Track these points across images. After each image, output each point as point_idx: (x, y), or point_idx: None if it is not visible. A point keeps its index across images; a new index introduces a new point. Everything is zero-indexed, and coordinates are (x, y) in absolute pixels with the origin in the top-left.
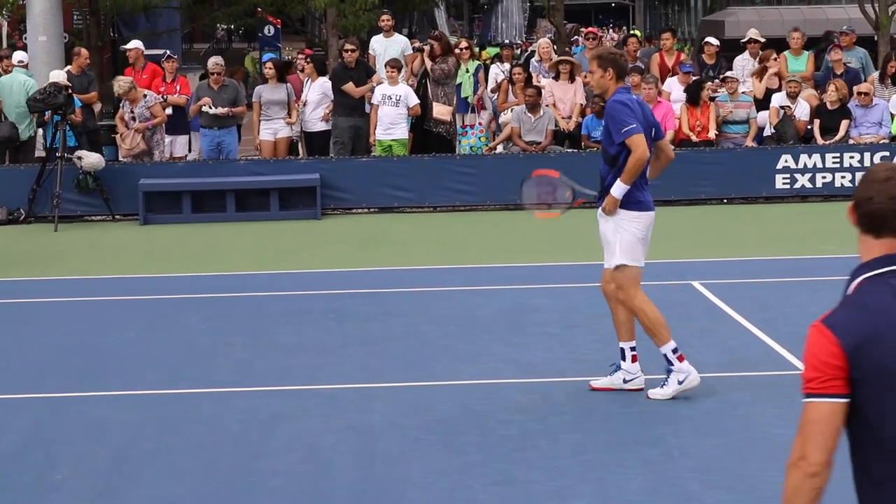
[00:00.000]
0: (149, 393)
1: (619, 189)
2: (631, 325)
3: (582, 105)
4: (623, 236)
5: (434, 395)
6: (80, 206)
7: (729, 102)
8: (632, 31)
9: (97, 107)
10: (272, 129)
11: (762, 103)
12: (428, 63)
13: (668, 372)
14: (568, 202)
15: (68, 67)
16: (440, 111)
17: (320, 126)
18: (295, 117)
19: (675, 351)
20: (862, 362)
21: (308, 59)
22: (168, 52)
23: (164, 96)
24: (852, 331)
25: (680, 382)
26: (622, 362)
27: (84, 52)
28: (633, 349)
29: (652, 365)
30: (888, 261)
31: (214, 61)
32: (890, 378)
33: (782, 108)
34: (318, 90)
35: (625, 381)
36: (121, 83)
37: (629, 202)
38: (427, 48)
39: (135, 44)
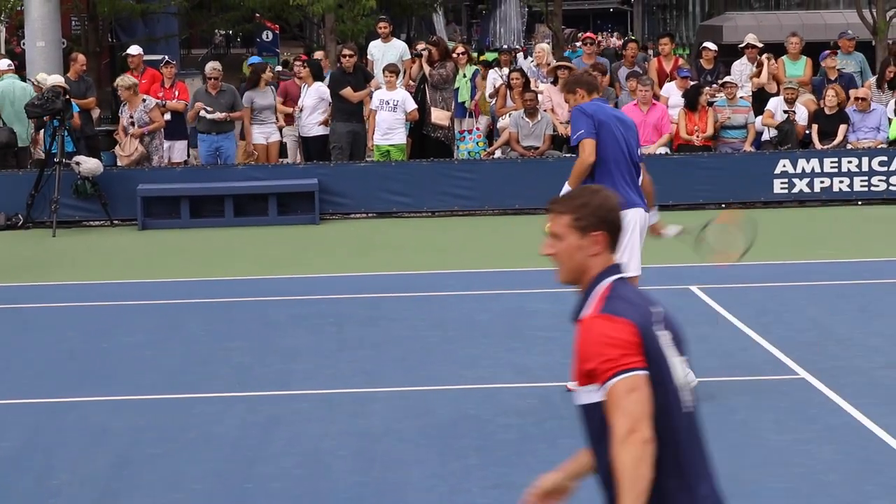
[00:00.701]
0: (148, 398)
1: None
2: None
3: None
4: None
5: (433, 400)
6: (79, 212)
7: (727, 107)
8: (628, 37)
9: (95, 112)
10: (265, 133)
11: (757, 101)
12: (426, 68)
13: None
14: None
15: (67, 74)
16: (438, 116)
17: (316, 131)
18: (282, 121)
19: None
20: (646, 342)
21: (305, 64)
22: (166, 57)
23: (163, 101)
24: (633, 315)
25: None
26: None
27: (81, 57)
28: None
29: None
30: (620, 268)
31: (212, 66)
32: (659, 356)
33: (785, 112)
34: (314, 95)
35: None
36: (124, 79)
37: None
38: (425, 53)
39: (135, 49)
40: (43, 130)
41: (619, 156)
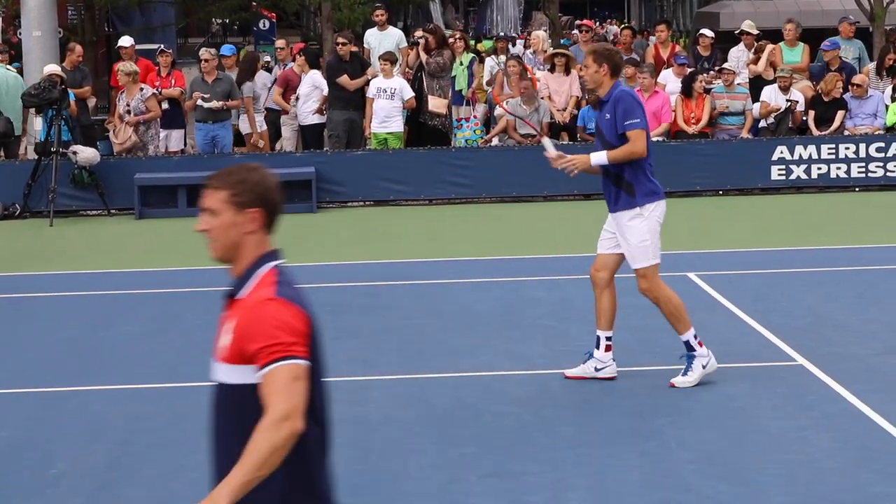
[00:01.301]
0: (146, 387)
1: (600, 158)
2: (612, 316)
3: (577, 97)
4: (643, 235)
5: (430, 388)
6: (76, 201)
7: (725, 94)
8: (624, 24)
9: (91, 102)
10: (259, 122)
11: (754, 88)
12: (423, 56)
13: (690, 359)
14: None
15: (63, 63)
16: (436, 104)
17: (312, 119)
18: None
19: (695, 336)
20: (313, 336)
21: (301, 53)
22: (162, 46)
23: (159, 90)
24: (304, 305)
25: (704, 367)
26: (595, 350)
27: (78, 48)
28: (608, 339)
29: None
30: (278, 254)
31: (206, 51)
32: (317, 356)
33: (788, 101)
34: (308, 83)
35: (596, 370)
36: (126, 65)
37: (652, 192)
38: (422, 41)
39: (127, 41)
40: (40, 120)
41: (651, 146)
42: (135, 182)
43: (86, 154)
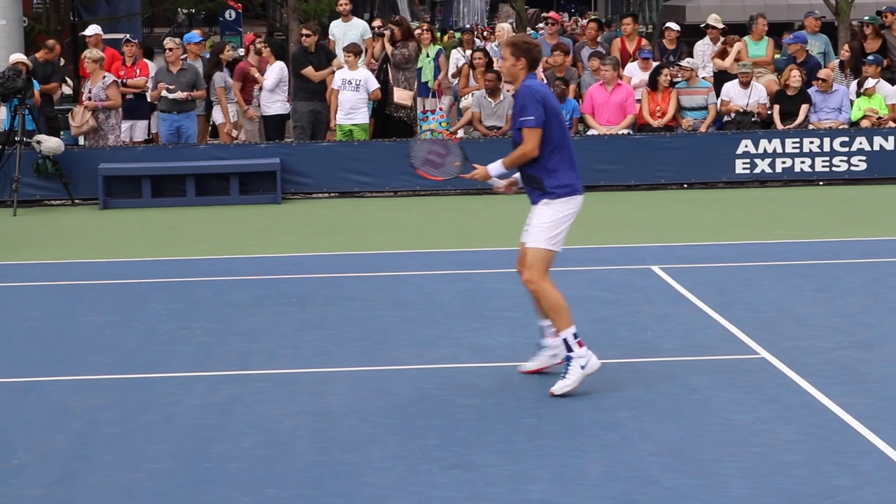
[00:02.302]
0: (108, 377)
1: (496, 168)
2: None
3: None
4: (545, 218)
5: (392, 380)
6: (40, 191)
7: (687, 89)
8: (592, 17)
9: (57, 94)
10: (234, 112)
11: (719, 82)
12: (388, 48)
13: (567, 360)
14: (454, 173)
15: (36, 54)
16: (401, 96)
17: (274, 109)
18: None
19: (575, 336)
20: None
21: (265, 43)
22: (128, 35)
23: (124, 80)
24: None
25: (582, 367)
26: (543, 340)
27: (58, 48)
28: (552, 326)
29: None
30: None
31: (171, 40)
32: None
33: (746, 110)
34: (272, 74)
35: (551, 357)
36: (92, 52)
37: (563, 185)
38: (387, 33)
39: (93, 30)
40: (4, 109)
41: (567, 140)
42: (99, 172)
43: (50, 143)
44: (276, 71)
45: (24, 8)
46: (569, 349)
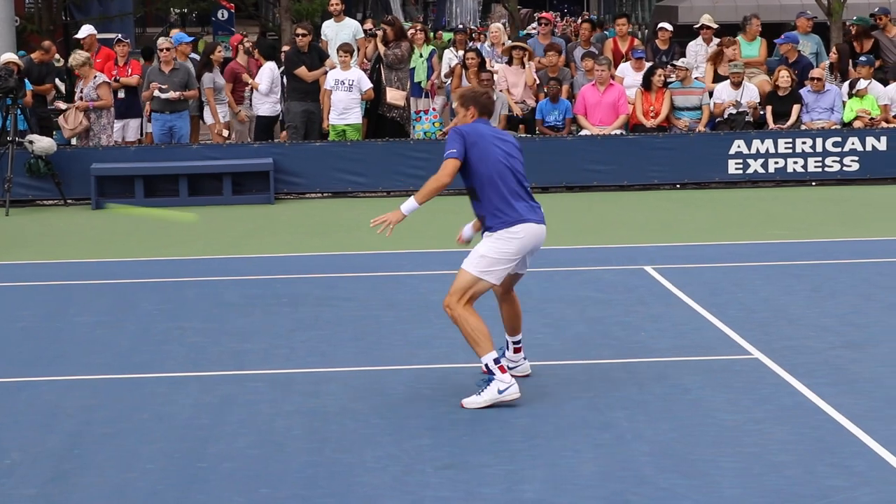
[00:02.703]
0: (100, 378)
1: (408, 206)
2: (516, 323)
3: (535, 81)
4: (485, 249)
5: (386, 380)
6: (32, 191)
7: (681, 89)
8: (585, 17)
9: (51, 95)
10: (223, 113)
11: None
12: (381, 48)
13: (488, 381)
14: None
15: (32, 55)
16: (394, 96)
17: (264, 111)
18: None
19: (496, 361)
20: None
21: (253, 44)
22: (119, 35)
23: (117, 78)
24: None
25: (500, 392)
26: (506, 351)
27: (53, 48)
28: (515, 343)
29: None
30: None
31: (166, 40)
32: None
33: (740, 108)
34: (265, 76)
35: (509, 368)
36: (76, 56)
37: (505, 222)
38: (380, 33)
39: (85, 31)
40: None
41: (503, 169)
42: (91, 172)
43: (42, 143)
44: (268, 72)
45: (15, 8)
46: (490, 372)
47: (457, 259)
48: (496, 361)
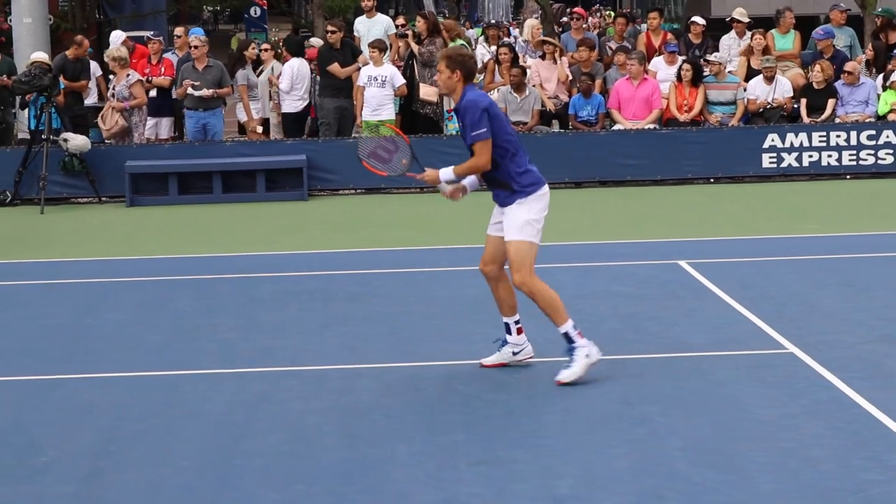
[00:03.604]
0: (134, 375)
1: (447, 174)
2: (513, 302)
3: (567, 76)
4: (522, 214)
5: (420, 376)
6: (67, 188)
7: (715, 84)
8: (616, 12)
9: (86, 91)
10: (257, 109)
11: (747, 77)
12: (415, 47)
13: (571, 350)
14: (401, 170)
15: (66, 52)
16: (426, 92)
17: (287, 108)
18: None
19: (574, 328)
20: None
21: (282, 42)
22: (149, 34)
23: (149, 77)
24: None
25: (588, 356)
26: (508, 336)
27: (86, 42)
28: (517, 322)
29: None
30: None
31: (197, 37)
32: None
33: (773, 102)
34: (286, 73)
35: (514, 354)
36: (112, 51)
37: (531, 184)
38: (411, 32)
39: (118, 36)
40: (27, 108)
41: (516, 138)
42: (125, 169)
43: (76, 141)
44: (288, 70)
45: (49, 6)
46: (571, 341)
47: None
48: (575, 328)
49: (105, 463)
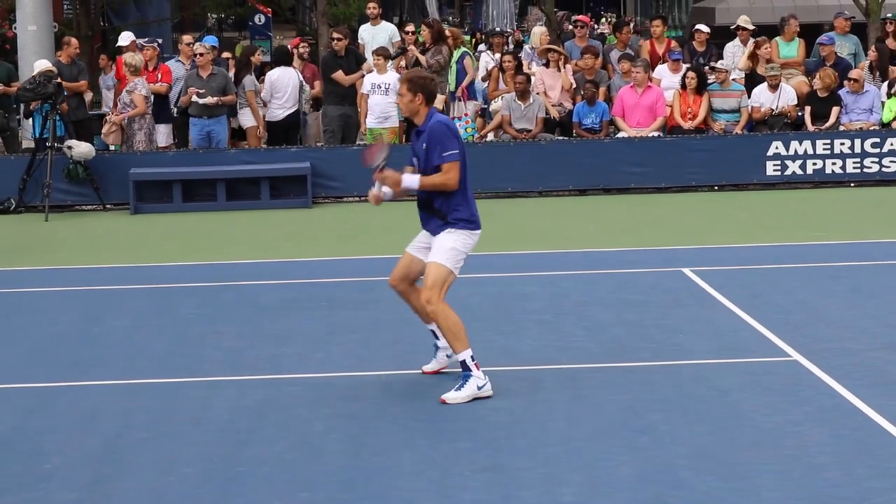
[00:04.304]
0: (139, 382)
1: (413, 181)
2: None
3: (571, 84)
4: (450, 242)
5: (424, 383)
6: (71, 196)
7: (720, 91)
8: (621, 19)
9: (88, 96)
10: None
11: (750, 84)
12: (421, 57)
13: (466, 377)
14: (378, 163)
15: (58, 56)
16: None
17: (272, 116)
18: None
19: (472, 358)
20: None
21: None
22: (143, 41)
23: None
24: None
25: (479, 388)
26: (437, 341)
27: (74, 41)
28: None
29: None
30: None
31: (202, 45)
32: None
33: (776, 112)
34: (266, 81)
35: (448, 357)
36: (131, 57)
37: (466, 220)
38: (412, 47)
39: (127, 37)
40: (32, 117)
41: (467, 176)
42: (130, 177)
43: (81, 149)
44: (268, 79)
45: (54, 13)
46: (466, 369)
47: (496, 263)
48: (472, 359)
49: (109, 470)
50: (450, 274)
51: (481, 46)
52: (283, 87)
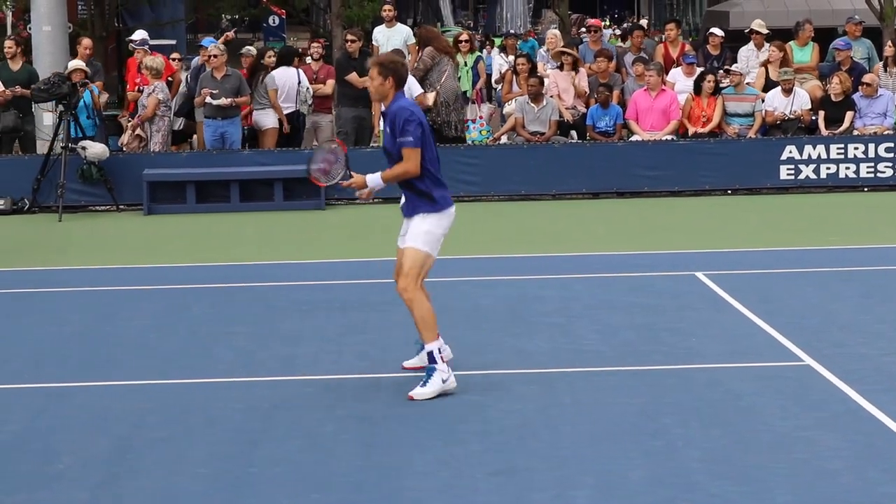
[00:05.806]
0: (151, 382)
1: (375, 180)
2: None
3: (585, 92)
4: (424, 226)
5: None
6: (85, 196)
7: (734, 95)
8: (636, 23)
9: (103, 97)
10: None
11: (765, 88)
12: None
13: (431, 371)
14: (336, 179)
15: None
16: (420, 98)
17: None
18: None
19: (440, 351)
20: None
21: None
22: (147, 43)
23: (140, 88)
24: None
25: (444, 382)
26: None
27: (87, 41)
28: None
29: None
30: None
31: (215, 46)
32: None
33: (793, 113)
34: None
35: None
36: (152, 60)
37: (433, 201)
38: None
39: (140, 34)
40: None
41: (435, 152)
42: (143, 178)
43: (95, 149)
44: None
45: (68, 14)
46: (432, 361)
47: (509, 266)
48: (440, 350)
49: (120, 470)
50: (427, 257)
51: (494, 51)
52: (282, 87)
